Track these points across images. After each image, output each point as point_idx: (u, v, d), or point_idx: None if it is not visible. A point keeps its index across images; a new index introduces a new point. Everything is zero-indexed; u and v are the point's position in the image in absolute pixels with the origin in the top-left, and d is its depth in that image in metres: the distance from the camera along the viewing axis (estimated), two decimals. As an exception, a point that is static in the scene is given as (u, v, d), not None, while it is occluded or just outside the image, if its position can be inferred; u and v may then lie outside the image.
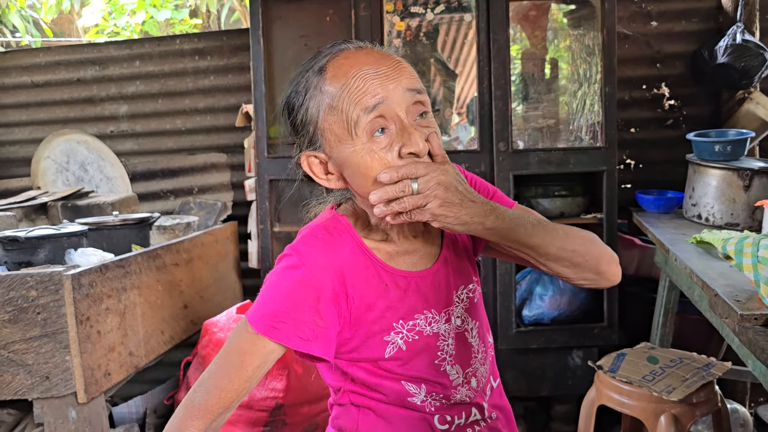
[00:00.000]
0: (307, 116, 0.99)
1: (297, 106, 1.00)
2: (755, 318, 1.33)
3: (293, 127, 1.03)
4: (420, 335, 1.02)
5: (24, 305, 1.91)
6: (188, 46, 3.42)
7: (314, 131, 0.99)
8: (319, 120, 0.98)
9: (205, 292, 2.80)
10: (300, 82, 1.01)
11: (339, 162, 0.98)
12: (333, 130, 0.96)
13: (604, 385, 1.97)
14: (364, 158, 0.94)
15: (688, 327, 2.64)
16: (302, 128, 1.01)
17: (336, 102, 0.95)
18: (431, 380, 1.03)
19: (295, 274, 0.96)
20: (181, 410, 0.99)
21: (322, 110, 0.97)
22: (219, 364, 0.98)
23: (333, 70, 0.96)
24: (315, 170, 1.02)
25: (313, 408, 2.33)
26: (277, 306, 0.95)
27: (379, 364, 1.01)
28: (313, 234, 1.01)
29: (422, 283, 1.04)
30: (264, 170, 2.81)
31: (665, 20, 3.06)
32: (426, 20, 2.89)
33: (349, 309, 0.98)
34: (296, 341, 0.94)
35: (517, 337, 2.69)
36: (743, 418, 2.58)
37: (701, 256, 1.89)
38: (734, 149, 2.38)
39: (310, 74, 0.99)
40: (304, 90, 0.99)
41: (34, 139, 3.52)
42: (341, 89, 0.94)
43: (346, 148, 0.95)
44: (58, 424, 1.98)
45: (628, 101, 3.08)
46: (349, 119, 0.94)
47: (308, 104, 0.99)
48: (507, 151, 2.63)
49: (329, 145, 0.98)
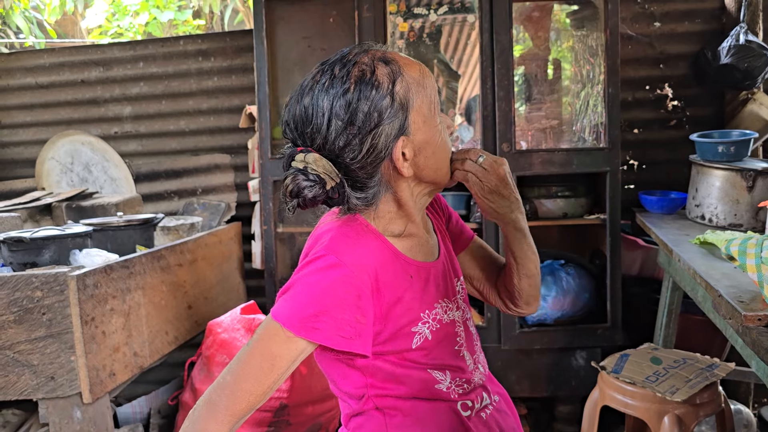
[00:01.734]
0: (401, 101, 1.00)
1: (381, 95, 0.98)
2: (759, 319, 1.33)
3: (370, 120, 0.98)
4: (441, 323, 1.06)
5: (29, 306, 1.92)
6: (192, 48, 3.43)
7: (406, 115, 1.01)
8: (413, 102, 1.01)
9: (209, 292, 2.80)
10: (364, 74, 0.99)
11: (422, 144, 1.03)
12: (422, 111, 1.02)
13: (607, 386, 1.97)
14: (443, 136, 1.06)
15: (692, 328, 2.63)
16: (392, 116, 0.99)
17: (423, 82, 1.03)
18: (453, 365, 1.06)
19: (335, 273, 0.96)
20: (202, 411, 0.97)
21: (413, 92, 1.01)
22: (246, 368, 0.97)
23: (400, 59, 1.02)
24: (399, 157, 1.01)
25: (317, 408, 2.34)
26: (317, 307, 0.95)
27: (404, 355, 1.02)
28: (342, 233, 1.02)
29: (436, 272, 1.09)
30: (267, 171, 2.82)
31: (668, 21, 3.06)
32: (429, 21, 2.90)
33: (380, 304, 1.00)
34: (338, 340, 0.95)
35: (521, 337, 2.69)
36: (747, 418, 2.58)
37: (705, 256, 1.89)
38: (738, 150, 2.38)
39: (375, 65, 1.00)
40: (388, 78, 0.99)
41: (38, 140, 3.53)
42: (420, 72, 1.03)
43: (431, 128, 1.04)
44: (63, 424, 1.98)
45: (632, 102, 3.08)
46: (432, 98, 1.04)
47: (398, 89, 1.00)
48: (510, 152, 2.63)
49: (417, 128, 1.02)
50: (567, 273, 2.70)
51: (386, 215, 1.06)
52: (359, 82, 0.98)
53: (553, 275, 2.70)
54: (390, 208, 1.06)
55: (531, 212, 2.75)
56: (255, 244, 3.17)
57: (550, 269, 2.73)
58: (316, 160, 0.97)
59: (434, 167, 1.05)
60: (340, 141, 0.98)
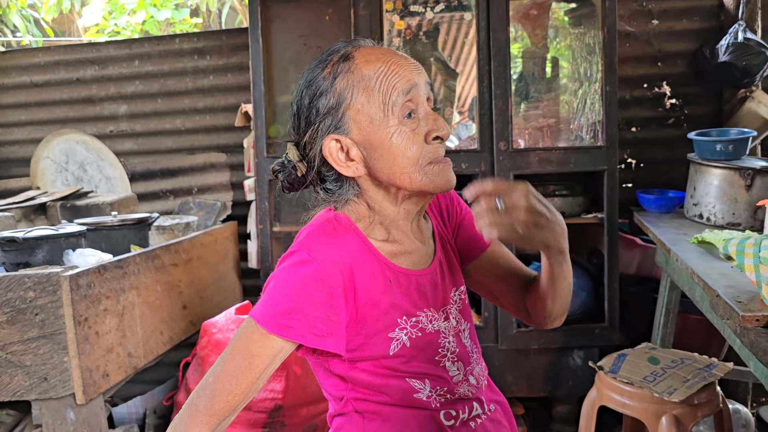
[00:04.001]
0: (335, 99, 1.00)
1: (321, 91, 1.01)
2: (757, 319, 1.32)
3: (311, 114, 1.02)
4: (423, 332, 1.03)
5: (22, 306, 1.90)
6: (187, 46, 3.41)
7: (342, 114, 1.00)
8: (352, 102, 0.99)
9: (204, 292, 2.79)
10: (321, 69, 1.02)
11: (368, 145, 1.00)
12: (366, 112, 0.99)
13: (605, 386, 1.96)
14: (397, 139, 0.99)
15: (690, 327, 2.62)
16: (326, 113, 1.01)
17: (373, 83, 0.99)
18: (433, 375, 1.03)
19: (306, 270, 0.95)
20: (184, 414, 0.98)
21: (355, 92, 0.99)
22: (224, 367, 0.97)
23: (363, 56, 1.00)
24: (333, 155, 1.01)
25: (311, 409, 2.33)
26: (289, 304, 0.94)
27: (382, 362, 1.00)
28: (319, 230, 1.01)
29: (422, 281, 1.06)
30: (263, 170, 2.80)
31: (666, 18, 3.05)
32: (426, 19, 2.88)
33: (356, 305, 0.98)
34: (311, 338, 0.94)
35: (518, 337, 2.68)
36: (745, 418, 2.57)
37: (702, 256, 1.87)
38: (736, 148, 2.36)
39: (334, 62, 1.01)
40: (332, 75, 1.01)
41: (33, 139, 3.51)
42: (377, 72, 0.99)
43: (379, 130, 0.99)
44: (56, 425, 1.97)
45: (629, 100, 3.06)
46: (386, 100, 0.98)
47: (337, 87, 1.00)
48: (507, 151, 2.62)
49: (358, 128, 1.00)
50: (564, 272, 2.68)
51: (367, 218, 1.05)
52: (310, 75, 1.03)
53: (551, 274, 2.69)
54: (361, 210, 1.05)
55: (528, 211, 2.74)
56: (251, 244, 3.16)
57: (547, 268, 2.71)
58: (290, 149, 1.07)
59: (387, 171, 1.00)
60: (295, 131, 1.06)
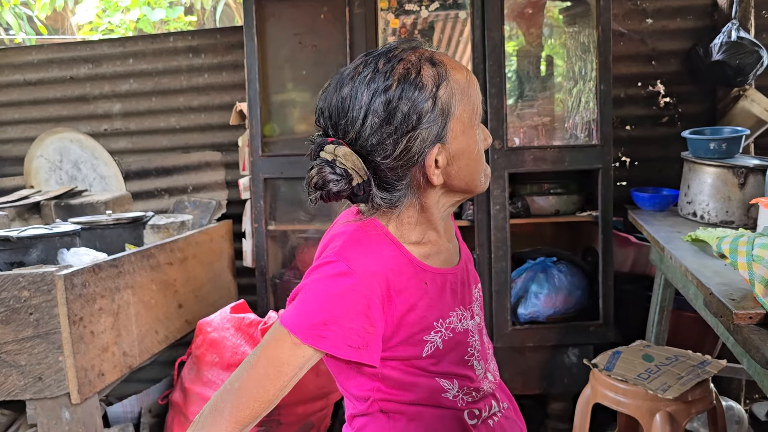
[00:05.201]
0: (442, 107, 0.96)
1: (424, 98, 0.94)
2: (750, 317, 1.32)
3: (408, 122, 0.94)
4: (453, 332, 1.03)
5: (16, 306, 1.90)
6: (182, 44, 3.40)
7: (446, 122, 0.97)
8: (455, 109, 0.98)
9: (199, 291, 2.79)
10: (409, 72, 0.95)
11: (457, 152, 0.99)
12: (462, 119, 0.99)
13: (599, 384, 1.96)
14: (479, 146, 1.01)
15: (684, 324, 2.64)
16: (432, 121, 0.95)
17: (467, 90, 0.99)
18: (461, 374, 1.04)
19: (345, 282, 0.94)
20: (207, 418, 0.95)
21: (456, 99, 0.98)
22: (252, 374, 0.95)
23: (448, 62, 0.99)
24: (433, 164, 0.98)
25: (308, 408, 2.33)
26: (325, 315, 0.93)
27: (413, 362, 1.00)
28: (354, 238, 0.99)
29: (453, 280, 1.06)
30: (258, 169, 2.80)
31: (660, 17, 3.06)
32: (421, 17, 2.88)
33: (392, 311, 0.97)
34: (345, 350, 0.93)
35: (513, 335, 2.69)
36: (738, 415, 2.58)
37: (696, 254, 1.88)
38: (729, 147, 2.38)
39: (421, 65, 0.96)
40: (433, 79, 0.95)
41: (26, 137, 3.50)
42: (465, 79, 0.99)
43: (469, 138, 1.00)
44: (51, 424, 1.97)
45: (624, 98, 3.07)
46: (475, 108, 1.00)
47: (442, 94, 0.96)
48: (502, 149, 2.62)
49: (453, 136, 0.99)
50: (559, 270, 2.70)
51: (406, 221, 1.03)
52: (403, 80, 0.94)
53: (546, 273, 2.70)
54: (412, 214, 1.03)
55: (523, 209, 2.75)
56: (246, 242, 3.15)
57: (542, 267, 2.72)
58: (345, 155, 0.95)
59: (466, 178, 1.01)
60: (373, 138, 0.95)
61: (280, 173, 2.79)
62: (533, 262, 2.76)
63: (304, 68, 2.96)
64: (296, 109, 3.02)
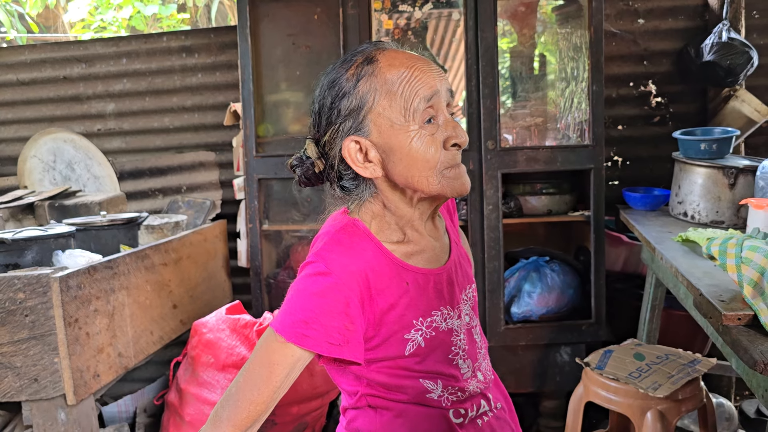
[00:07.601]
0: (358, 101, 1.01)
1: (344, 92, 1.02)
2: (738, 318, 1.34)
3: (332, 114, 1.04)
4: (436, 331, 1.05)
5: (11, 308, 1.90)
6: (175, 44, 3.40)
7: (364, 117, 1.02)
8: (373, 105, 1.01)
9: (194, 291, 2.79)
10: (345, 70, 1.03)
11: (387, 148, 1.02)
12: (387, 115, 1.01)
13: (591, 382, 1.99)
14: (416, 143, 1.01)
15: (675, 323, 2.66)
16: (347, 114, 1.02)
17: (396, 88, 1.00)
18: (445, 374, 1.06)
19: (324, 281, 0.97)
20: (208, 426, 1.00)
21: (377, 95, 1.01)
22: (246, 377, 0.99)
23: (387, 60, 1.02)
24: (352, 156, 1.03)
25: (302, 408, 2.34)
26: (306, 313, 0.96)
27: (397, 362, 1.03)
28: (335, 239, 1.02)
29: (438, 279, 1.08)
30: (253, 169, 2.80)
31: (652, 18, 3.08)
32: (414, 18, 2.89)
33: (373, 310, 1.00)
34: (326, 347, 0.96)
35: (506, 334, 2.71)
36: (728, 412, 2.61)
37: (687, 254, 1.91)
38: (720, 147, 2.40)
39: (357, 63, 1.02)
40: (355, 77, 1.02)
41: (20, 137, 3.49)
42: (401, 76, 1.00)
43: (399, 134, 1.01)
44: (47, 426, 1.97)
45: (616, 98, 3.10)
46: (408, 105, 1.00)
47: (360, 89, 1.01)
48: (495, 149, 2.64)
49: (378, 131, 1.02)
50: (552, 269, 2.72)
51: (386, 220, 1.07)
52: (337, 76, 1.03)
53: (538, 272, 2.72)
54: (376, 209, 1.07)
55: (516, 209, 2.77)
56: (240, 242, 3.16)
57: (535, 266, 2.74)
58: (308, 146, 1.09)
59: (404, 173, 1.02)
60: (315, 129, 1.07)
61: (274, 173, 2.80)
62: (526, 261, 2.78)
63: (297, 69, 2.97)
64: (290, 109, 3.02)
